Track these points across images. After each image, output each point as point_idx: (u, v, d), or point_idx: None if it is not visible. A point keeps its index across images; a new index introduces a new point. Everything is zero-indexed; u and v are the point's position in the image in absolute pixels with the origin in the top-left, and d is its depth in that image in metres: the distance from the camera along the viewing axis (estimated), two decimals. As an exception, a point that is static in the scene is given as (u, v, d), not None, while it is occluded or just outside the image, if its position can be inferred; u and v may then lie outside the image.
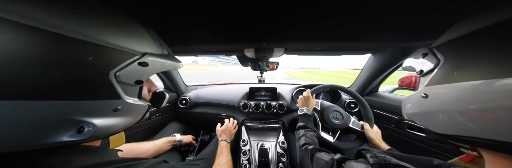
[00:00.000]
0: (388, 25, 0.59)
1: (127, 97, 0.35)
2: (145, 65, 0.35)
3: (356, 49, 1.04)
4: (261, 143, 1.05)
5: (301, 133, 0.75)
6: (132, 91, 0.36)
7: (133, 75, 0.34)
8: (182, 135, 1.01)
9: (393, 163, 0.37)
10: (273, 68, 1.33)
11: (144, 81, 0.37)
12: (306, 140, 0.69)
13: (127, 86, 0.34)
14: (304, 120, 0.83)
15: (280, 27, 0.63)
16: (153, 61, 0.37)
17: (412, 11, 0.48)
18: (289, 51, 1.07)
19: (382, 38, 0.78)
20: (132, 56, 0.33)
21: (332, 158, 0.49)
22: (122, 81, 0.32)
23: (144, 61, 0.35)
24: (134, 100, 0.37)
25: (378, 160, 0.39)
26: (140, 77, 0.35)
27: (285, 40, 0.84)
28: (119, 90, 0.32)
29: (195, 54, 1.24)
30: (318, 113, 0.95)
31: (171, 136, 0.97)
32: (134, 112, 0.38)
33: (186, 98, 1.44)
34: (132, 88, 0.36)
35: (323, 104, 0.99)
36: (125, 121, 0.37)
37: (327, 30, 0.66)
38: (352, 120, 0.93)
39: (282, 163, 0.94)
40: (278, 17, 0.53)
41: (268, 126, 1.22)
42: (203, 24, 0.60)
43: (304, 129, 0.77)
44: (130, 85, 0.34)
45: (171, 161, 0.82)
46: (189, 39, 0.83)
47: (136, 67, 0.34)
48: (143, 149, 0.78)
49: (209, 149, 0.92)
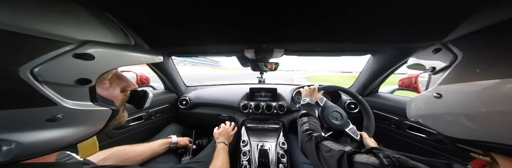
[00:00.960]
0: (387, 26, 0.59)
1: (69, 101, 0.26)
2: (89, 58, 0.26)
3: (355, 50, 1.04)
4: (261, 144, 1.05)
5: (304, 120, 0.75)
6: (78, 93, 0.27)
7: (69, 72, 0.25)
8: (178, 137, 0.99)
9: (410, 165, 0.34)
10: (271, 69, 1.33)
11: (94, 80, 0.27)
12: (310, 126, 0.68)
13: (65, 88, 0.25)
14: (307, 109, 0.83)
15: (279, 28, 0.63)
16: (102, 53, 0.27)
17: (412, 12, 0.48)
18: (289, 52, 1.07)
19: (381, 39, 0.78)
20: (62, 45, 0.24)
21: (342, 149, 0.46)
22: (49, 81, 0.23)
23: (85, 53, 0.25)
24: (82, 105, 0.28)
25: (392, 161, 0.35)
26: (84, 75, 0.26)
27: (285, 41, 0.84)
28: (50, 93, 0.24)
29: (195, 55, 1.24)
30: (319, 109, 0.95)
31: (167, 138, 0.95)
32: (87, 119, 0.30)
33: (186, 99, 1.44)
34: (76, 90, 0.27)
35: (327, 103, 0.99)
36: (76, 131, 0.28)
37: (327, 31, 0.66)
38: (350, 127, 0.92)
39: (282, 164, 0.94)
40: (278, 17, 0.53)
41: (268, 127, 1.22)
42: (204, 25, 0.60)
43: (307, 117, 0.77)
44: (69, 85, 0.25)
45: (167, 163, 0.81)
46: (190, 40, 0.83)
47: (71, 61, 0.24)
48: (137, 152, 0.76)
49: (206, 151, 0.90)
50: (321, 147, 0.53)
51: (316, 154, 0.53)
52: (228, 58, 11.31)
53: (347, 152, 0.45)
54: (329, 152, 0.49)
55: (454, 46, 0.30)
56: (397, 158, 0.36)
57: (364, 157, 0.40)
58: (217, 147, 0.86)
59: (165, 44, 0.88)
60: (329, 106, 0.95)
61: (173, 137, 0.96)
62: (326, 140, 0.56)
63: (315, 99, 0.92)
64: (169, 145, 0.91)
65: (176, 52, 1.18)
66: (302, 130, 0.69)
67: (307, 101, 0.87)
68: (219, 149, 0.84)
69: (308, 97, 0.90)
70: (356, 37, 0.75)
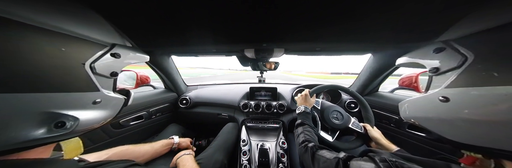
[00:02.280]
0: (387, 26, 0.59)
1: (104, 89, 0.35)
2: (118, 56, 0.37)
3: (356, 49, 1.03)
4: (261, 143, 1.06)
5: (299, 131, 0.75)
6: (108, 84, 0.37)
7: (108, 67, 0.35)
8: (180, 138, 0.98)
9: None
10: (271, 68, 1.33)
11: (119, 73, 0.38)
12: (305, 137, 0.68)
13: (103, 79, 0.35)
14: (302, 118, 0.83)
15: (280, 27, 0.63)
16: (124, 53, 0.38)
17: (411, 11, 0.48)
18: (289, 52, 1.06)
19: (381, 39, 0.78)
20: (103, 47, 0.35)
21: (337, 156, 0.46)
22: (98, 72, 0.33)
23: (115, 52, 0.36)
24: (110, 93, 0.37)
25: (389, 165, 0.34)
26: (115, 69, 0.36)
27: (285, 41, 0.84)
28: (96, 82, 0.33)
29: (195, 54, 1.24)
30: (319, 112, 0.95)
31: (169, 139, 0.94)
32: (112, 106, 0.38)
33: (187, 98, 1.44)
34: (108, 81, 0.36)
35: (324, 104, 0.99)
36: (105, 114, 0.36)
37: (327, 30, 0.66)
38: (352, 121, 0.93)
39: (282, 163, 0.95)
40: (278, 17, 0.53)
41: (268, 126, 1.22)
42: (203, 24, 0.60)
43: (302, 126, 0.77)
44: (106, 77, 0.35)
45: (167, 166, 0.80)
46: (189, 40, 0.83)
47: (109, 59, 0.35)
48: (139, 152, 0.76)
49: (205, 154, 0.89)
50: (317, 157, 0.53)
51: (313, 165, 0.53)
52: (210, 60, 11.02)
53: (342, 158, 0.44)
54: (326, 162, 0.49)
55: (461, 46, 0.28)
56: (394, 162, 0.35)
57: (361, 163, 0.39)
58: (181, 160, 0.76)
59: (165, 44, 0.88)
60: (327, 107, 0.95)
61: (175, 138, 0.95)
62: (322, 150, 0.56)
63: (310, 105, 0.91)
64: (171, 146, 0.91)
65: (176, 52, 1.18)
66: (298, 142, 0.69)
67: (302, 109, 0.86)
68: None
69: (302, 105, 0.89)
70: (356, 36, 0.74)
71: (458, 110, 0.26)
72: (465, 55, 0.27)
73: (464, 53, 0.27)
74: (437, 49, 0.32)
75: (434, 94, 0.30)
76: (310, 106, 0.91)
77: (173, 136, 0.97)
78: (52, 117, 0.27)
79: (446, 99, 0.28)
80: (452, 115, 0.27)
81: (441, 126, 0.30)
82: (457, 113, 0.26)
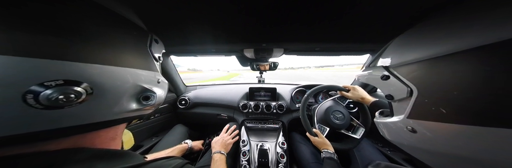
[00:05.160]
0: (385, 26, 0.59)
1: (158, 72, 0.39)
2: (157, 42, 0.40)
3: (355, 49, 1.04)
4: (260, 144, 1.05)
5: None
6: (157, 67, 0.39)
7: (156, 50, 0.39)
8: (193, 142, 0.98)
9: None
10: (271, 68, 1.32)
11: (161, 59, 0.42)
12: None
13: (155, 61, 0.38)
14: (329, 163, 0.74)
15: (279, 27, 0.63)
16: (158, 40, 0.41)
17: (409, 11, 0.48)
18: (288, 52, 1.07)
19: (380, 39, 0.78)
20: (148, 34, 0.38)
21: None
22: (154, 55, 0.37)
23: (156, 38, 0.40)
24: (161, 75, 0.40)
25: None
26: (159, 53, 0.40)
27: (285, 41, 0.84)
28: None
29: (195, 54, 1.23)
30: (317, 112, 0.96)
31: (183, 143, 0.95)
32: (165, 87, 0.41)
33: (186, 99, 1.44)
34: (156, 64, 0.39)
35: (323, 105, 0.99)
36: (163, 94, 0.39)
37: (326, 31, 0.66)
38: None
39: (281, 164, 0.94)
40: (278, 17, 0.53)
41: (268, 127, 1.21)
42: (203, 24, 0.60)
43: None
44: (156, 60, 0.38)
45: None
46: (189, 40, 0.83)
47: (155, 43, 0.39)
48: None
49: (204, 159, 0.87)
50: None
51: None
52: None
53: None
54: None
55: (402, 76, 0.25)
56: None
57: None
58: (213, 158, 0.78)
59: (165, 44, 0.87)
60: (327, 108, 0.98)
61: (189, 142, 0.95)
62: None
63: (328, 145, 0.84)
64: (185, 151, 0.91)
65: (175, 52, 1.18)
66: None
67: (327, 155, 0.77)
68: (216, 160, 0.76)
69: (324, 150, 0.81)
70: (355, 37, 0.75)
71: (431, 144, 0.23)
72: (410, 87, 0.23)
73: (409, 85, 0.24)
74: (383, 76, 0.29)
75: (401, 123, 0.27)
76: (331, 147, 0.83)
77: (186, 141, 0.97)
78: (142, 90, 0.31)
79: (414, 131, 0.25)
80: (426, 147, 0.24)
81: (418, 153, 0.28)
82: (430, 146, 0.23)
